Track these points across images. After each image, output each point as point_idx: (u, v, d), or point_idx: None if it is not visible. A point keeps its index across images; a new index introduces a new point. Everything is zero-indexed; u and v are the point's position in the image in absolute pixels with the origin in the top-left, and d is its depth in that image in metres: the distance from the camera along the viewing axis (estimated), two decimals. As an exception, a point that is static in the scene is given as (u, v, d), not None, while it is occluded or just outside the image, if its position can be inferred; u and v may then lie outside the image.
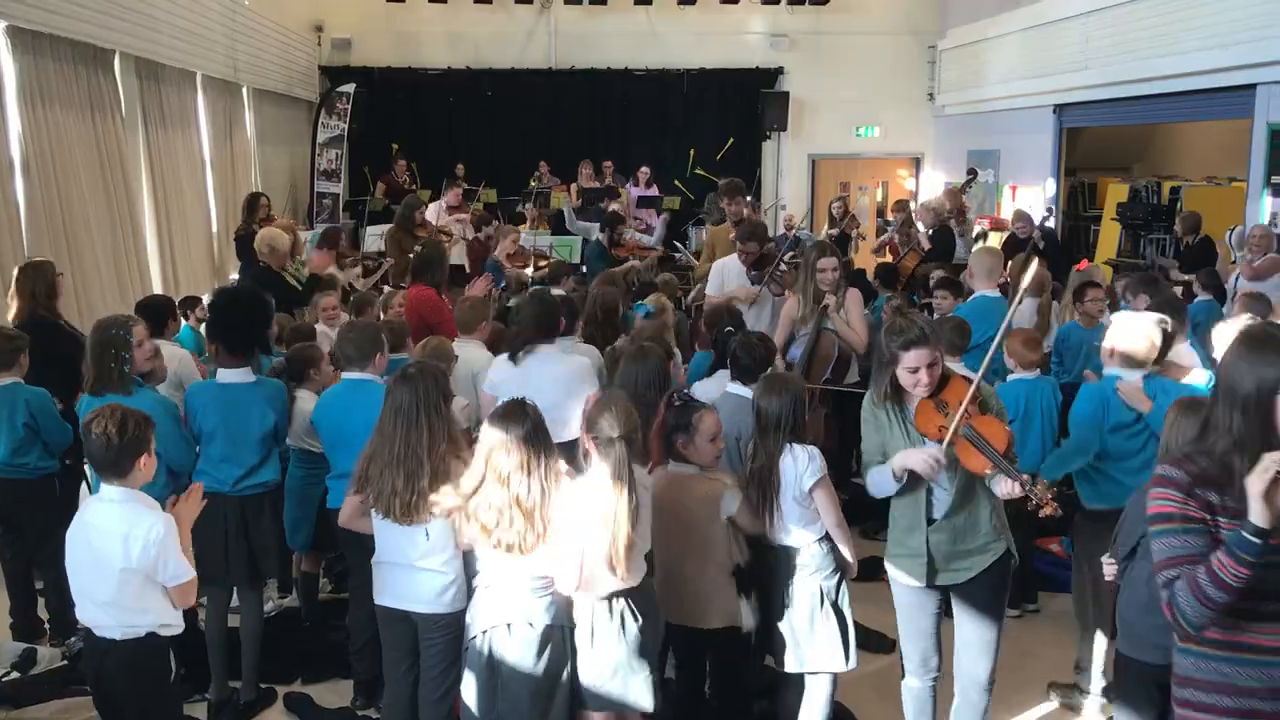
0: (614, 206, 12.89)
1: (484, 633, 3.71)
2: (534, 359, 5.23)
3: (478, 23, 16.68)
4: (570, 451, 4.50)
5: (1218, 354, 5.61)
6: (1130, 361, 4.71)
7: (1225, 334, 5.56)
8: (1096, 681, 4.86)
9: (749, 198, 12.45)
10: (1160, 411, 4.17)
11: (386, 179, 15.23)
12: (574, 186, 14.41)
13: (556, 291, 6.91)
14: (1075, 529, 4.98)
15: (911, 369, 3.80)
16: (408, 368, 4.11)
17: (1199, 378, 5.17)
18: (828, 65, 17.21)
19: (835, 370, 6.33)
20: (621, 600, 3.70)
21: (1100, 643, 4.81)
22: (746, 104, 17.35)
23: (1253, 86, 10.00)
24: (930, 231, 11.21)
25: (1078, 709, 4.91)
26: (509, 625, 3.66)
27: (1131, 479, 4.41)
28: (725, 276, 7.48)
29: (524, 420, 3.60)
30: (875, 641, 5.37)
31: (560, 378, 5.15)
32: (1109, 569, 3.79)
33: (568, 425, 4.86)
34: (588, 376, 5.23)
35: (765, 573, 4.10)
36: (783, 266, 7.27)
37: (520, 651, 3.65)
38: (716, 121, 17.19)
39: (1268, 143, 9.93)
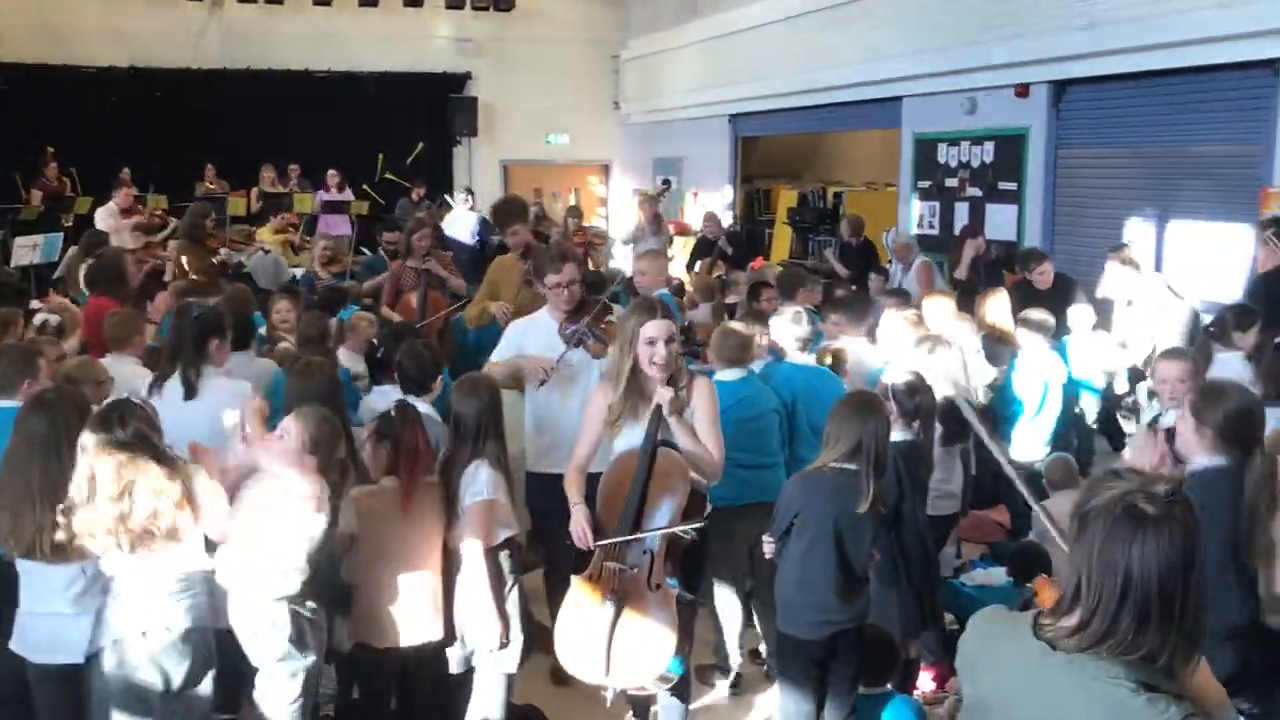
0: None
1: (115, 643, 3.46)
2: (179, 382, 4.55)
3: (141, 19, 15.65)
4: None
5: (883, 347, 6.10)
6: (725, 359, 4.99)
7: (889, 325, 6.05)
8: (734, 659, 5.08)
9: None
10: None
11: (40, 184, 13.95)
12: (255, 191, 13.79)
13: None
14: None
15: None
16: (45, 392, 3.74)
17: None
18: (515, 71, 17.32)
19: (689, 514, 3.88)
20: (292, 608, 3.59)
21: (734, 624, 5.03)
22: (435, 108, 17.22)
23: (899, 99, 10.90)
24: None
25: (713, 686, 5.14)
26: (144, 633, 3.44)
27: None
28: (530, 337, 4.96)
29: (125, 423, 3.37)
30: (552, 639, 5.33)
31: (216, 399, 4.55)
32: (768, 547, 3.98)
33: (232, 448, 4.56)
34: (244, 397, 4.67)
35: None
36: (610, 314, 4.97)
37: (157, 659, 3.44)
38: (405, 125, 16.88)
39: (914, 151, 10.86)
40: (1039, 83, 9.13)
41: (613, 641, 3.77)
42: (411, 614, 3.95)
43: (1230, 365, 5.35)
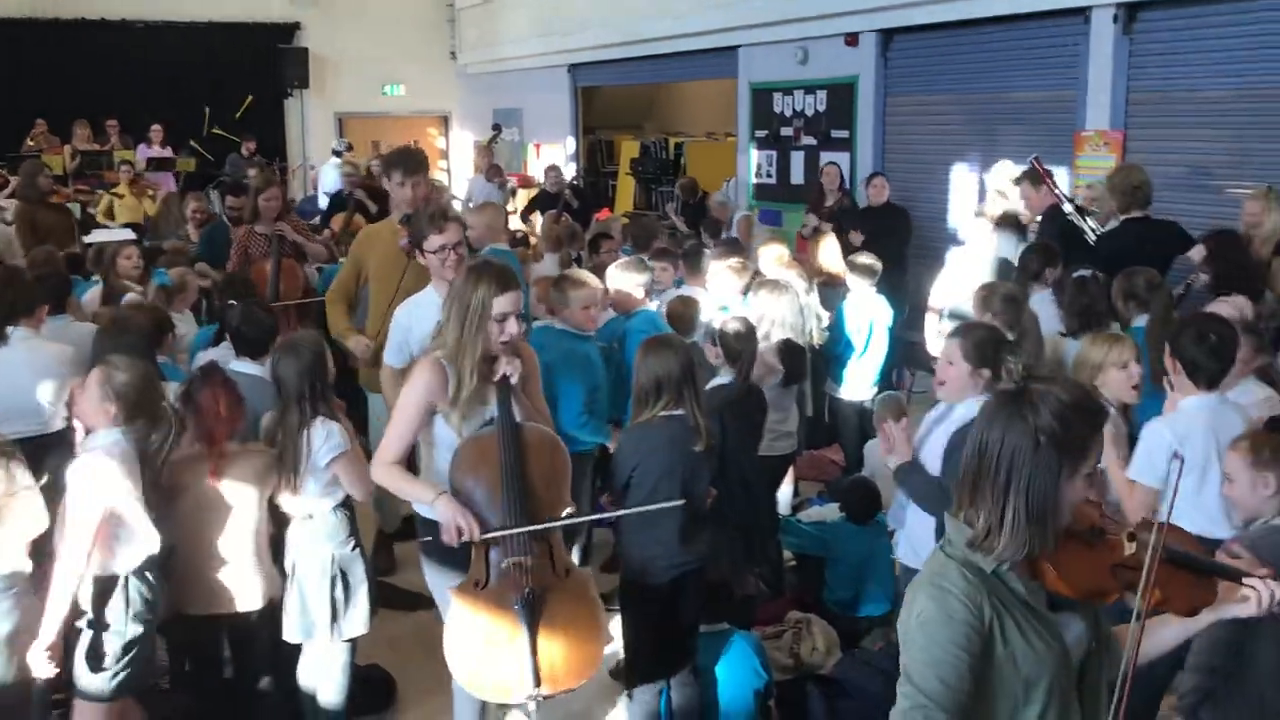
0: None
1: None
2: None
3: (-62, -37, 14.56)
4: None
5: (712, 291, 6.17)
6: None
7: (716, 274, 6.13)
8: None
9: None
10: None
11: None
12: (68, 149, 13.06)
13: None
14: None
15: (1088, 473, 2.02)
16: None
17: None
18: (347, 21, 16.82)
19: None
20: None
21: None
22: (264, 60, 16.58)
23: (736, 48, 10.98)
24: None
25: None
26: None
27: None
28: (418, 320, 4.14)
29: None
30: (404, 599, 5.27)
31: (36, 363, 4.51)
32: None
33: (45, 415, 4.38)
34: (69, 362, 4.56)
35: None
36: None
37: None
38: (233, 78, 16.23)
39: (750, 100, 10.97)
40: (867, 31, 9.32)
41: (538, 648, 3.28)
42: (231, 582, 3.83)
43: (1041, 302, 5.56)
